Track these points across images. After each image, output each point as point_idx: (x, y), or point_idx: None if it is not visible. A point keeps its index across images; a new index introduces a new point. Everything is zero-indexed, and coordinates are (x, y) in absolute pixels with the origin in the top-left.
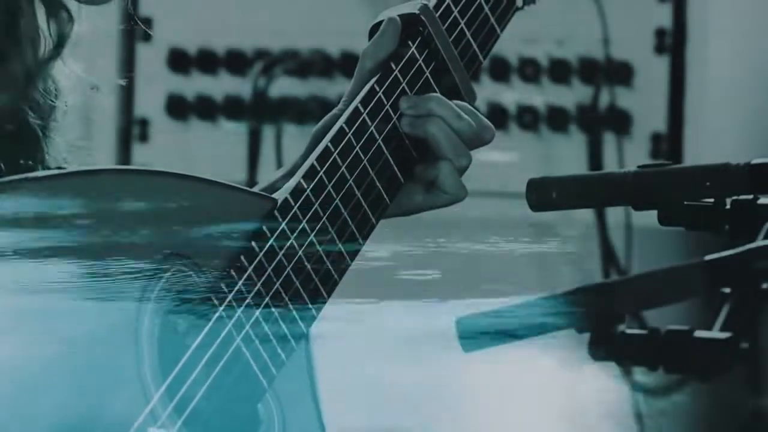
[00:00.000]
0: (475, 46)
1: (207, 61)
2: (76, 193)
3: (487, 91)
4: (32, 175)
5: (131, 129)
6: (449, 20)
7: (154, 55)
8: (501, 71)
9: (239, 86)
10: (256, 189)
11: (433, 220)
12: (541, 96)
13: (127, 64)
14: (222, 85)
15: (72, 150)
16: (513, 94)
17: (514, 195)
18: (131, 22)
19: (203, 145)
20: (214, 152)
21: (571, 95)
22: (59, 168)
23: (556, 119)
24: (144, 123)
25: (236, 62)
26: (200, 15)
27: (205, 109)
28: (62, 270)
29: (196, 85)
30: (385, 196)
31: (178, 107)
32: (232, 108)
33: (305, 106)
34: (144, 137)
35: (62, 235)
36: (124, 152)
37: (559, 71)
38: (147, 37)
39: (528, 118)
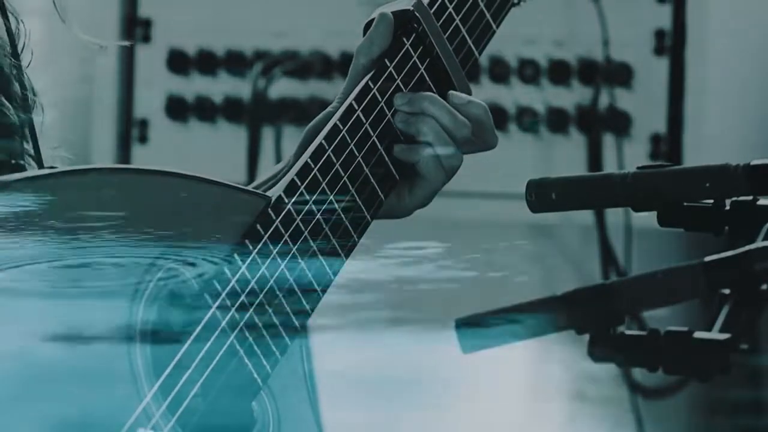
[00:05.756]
0: (470, 42)
1: (207, 62)
2: (68, 192)
3: (486, 92)
4: (22, 175)
5: (131, 130)
6: (444, 16)
7: (154, 56)
8: (500, 72)
9: (239, 87)
10: (250, 187)
11: (433, 220)
12: (540, 97)
13: (127, 65)
14: (221, 86)
15: (54, 156)
16: (512, 95)
17: (514, 196)
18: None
19: (203, 147)
20: (213, 153)
21: (571, 96)
22: (50, 167)
23: (556, 120)
24: (144, 124)
25: (236, 63)
26: (200, 15)
27: (205, 110)
28: (53, 269)
29: (195, 86)
30: (379, 192)
31: (177, 108)
32: (232, 109)
33: (305, 107)
34: (143, 138)
35: (53, 235)
36: (124, 153)
37: (559, 72)
38: (146, 38)
39: (527, 119)
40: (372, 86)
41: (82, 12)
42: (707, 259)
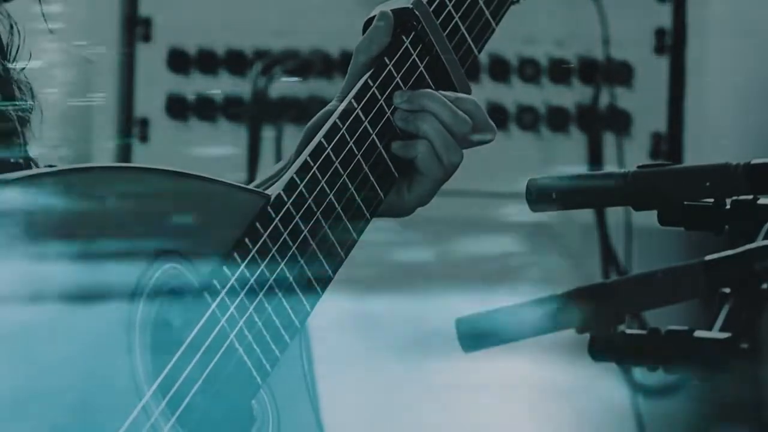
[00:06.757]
0: (469, 40)
1: (207, 61)
2: (68, 190)
3: (486, 91)
4: (22, 174)
5: (131, 129)
6: (443, 14)
7: (154, 56)
8: (501, 71)
9: (239, 86)
10: (251, 186)
11: (433, 220)
12: (540, 96)
13: (127, 64)
14: (222, 86)
15: (54, 155)
16: (513, 94)
17: (514, 195)
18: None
19: (203, 146)
20: (214, 152)
21: (571, 95)
22: (50, 166)
23: (556, 119)
24: (144, 123)
25: (236, 62)
26: (200, 15)
27: (205, 109)
28: (54, 267)
29: (196, 85)
30: (379, 190)
31: (178, 107)
32: (232, 108)
33: (305, 106)
34: (144, 137)
35: (54, 232)
36: (124, 152)
37: (559, 71)
38: (146, 38)
39: (528, 118)
40: (371, 84)
41: (82, 12)
42: (707, 258)
